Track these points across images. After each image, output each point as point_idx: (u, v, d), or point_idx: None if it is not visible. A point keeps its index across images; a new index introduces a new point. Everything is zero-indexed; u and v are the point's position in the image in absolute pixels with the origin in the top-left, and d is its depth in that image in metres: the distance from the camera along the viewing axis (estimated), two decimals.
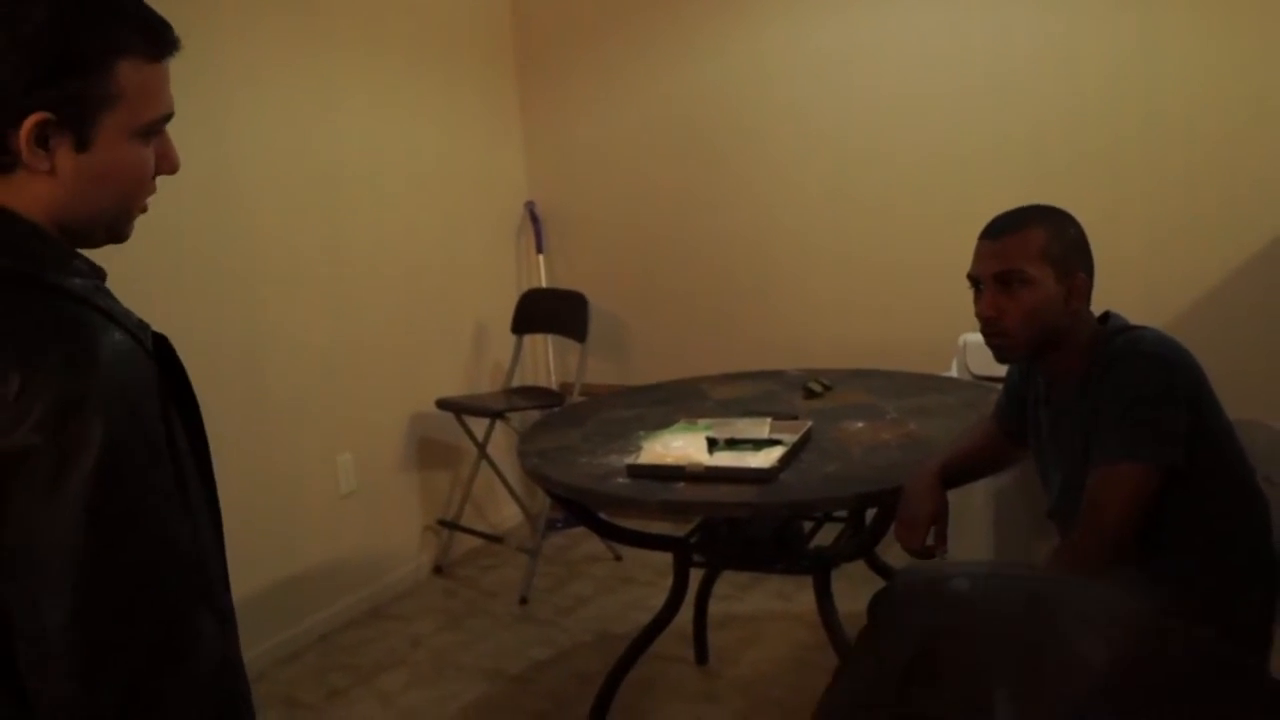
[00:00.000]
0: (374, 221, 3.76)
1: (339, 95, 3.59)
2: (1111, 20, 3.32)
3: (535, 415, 3.85)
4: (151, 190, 1.10)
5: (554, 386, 4.51)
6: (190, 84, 3.01)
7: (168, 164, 1.10)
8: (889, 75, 3.70)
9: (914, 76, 3.65)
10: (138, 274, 2.89)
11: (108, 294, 1.05)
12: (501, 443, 4.22)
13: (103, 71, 0.99)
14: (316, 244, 3.51)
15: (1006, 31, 3.48)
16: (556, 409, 3.56)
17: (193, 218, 3.07)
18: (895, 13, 3.65)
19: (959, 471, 2.09)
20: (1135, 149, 3.35)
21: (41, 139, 0.98)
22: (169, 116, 1.08)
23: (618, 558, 3.98)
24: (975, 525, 2.99)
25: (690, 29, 4.04)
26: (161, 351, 1.08)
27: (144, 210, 1.11)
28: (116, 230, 1.09)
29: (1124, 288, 2.62)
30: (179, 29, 1.08)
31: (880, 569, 3.01)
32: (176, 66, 1.08)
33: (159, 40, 1.05)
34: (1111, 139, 3.37)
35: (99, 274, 1.06)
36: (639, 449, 2.44)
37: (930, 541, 1.98)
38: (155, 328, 1.10)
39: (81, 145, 1.00)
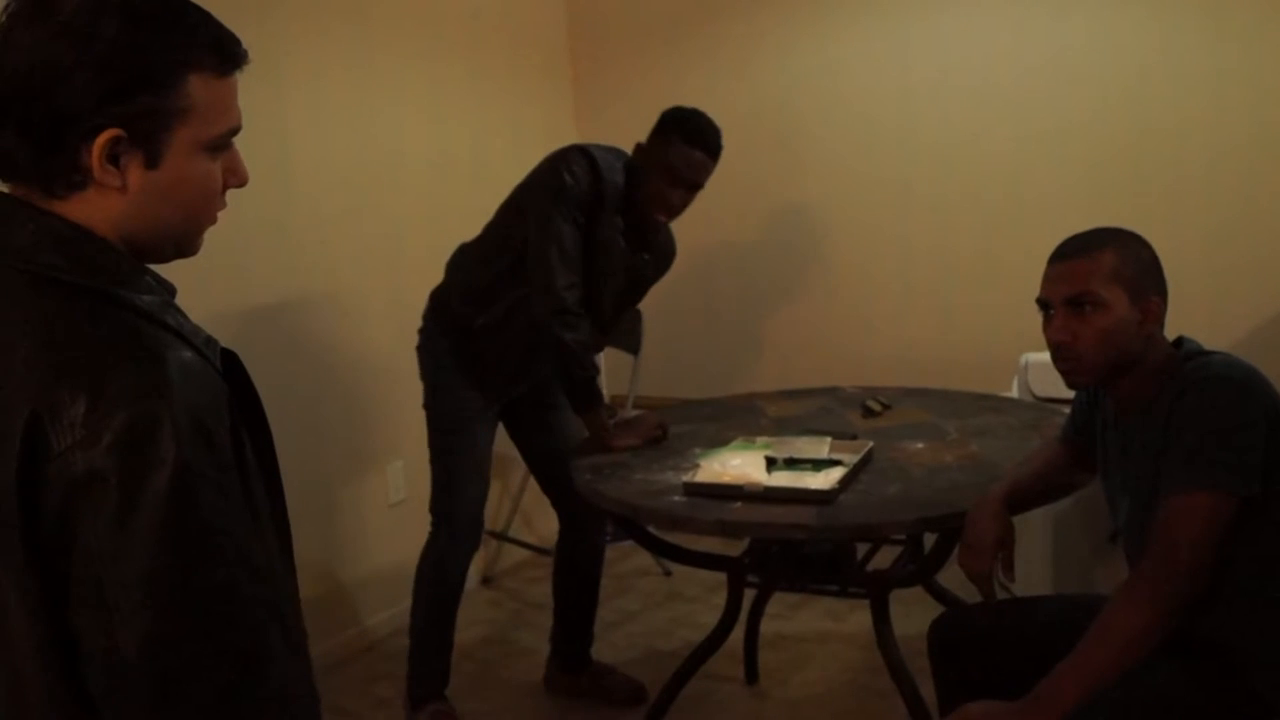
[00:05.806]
0: (433, 228, 3.75)
1: (398, 103, 3.61)
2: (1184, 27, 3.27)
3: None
4: (221, 205, 1.09)
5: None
6: (254, 92, 3.04)
7: (236, 178, 1.09)
8: (958, 90, 3.65)
9: (982, 91, 3.61)
10: (193, 281, 2.92)
11: (177, 310, 1.04)
12: None
13: (173, 86, 0.99)
14: (375, 250, 3.53)
15: (1077, 36, 3.42)
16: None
17: (254, 222, 3.09)
18: (962, 16, 3.61)
19: (1026, 496, 2.04)
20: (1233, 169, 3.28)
21: (113, 156, 0.97)
22: (237, 130, 1.07)
23: (667, 573, 3.95)
24: (1034, 551, 2.93)
25: (751, 40, 4.01)
26: (230, 368, 1.07)
27: (213, 223, 1.10)
28: (185, 245, 1.09)
29: (1188, 307, 2.58)
30: (245, 37, 1.07)
31: (938, 593, 2.95)
32: (242, 73, 1.08)
33: (228, 55, 1.04)
34: (1191, 151, 3.31)
35: (168, 290, 1.06)
36: (695, 466, 2.40)
37: (996, 568, 1.94)
38: (216, 335, 1.09)
39: (152, 162, 1.00)
